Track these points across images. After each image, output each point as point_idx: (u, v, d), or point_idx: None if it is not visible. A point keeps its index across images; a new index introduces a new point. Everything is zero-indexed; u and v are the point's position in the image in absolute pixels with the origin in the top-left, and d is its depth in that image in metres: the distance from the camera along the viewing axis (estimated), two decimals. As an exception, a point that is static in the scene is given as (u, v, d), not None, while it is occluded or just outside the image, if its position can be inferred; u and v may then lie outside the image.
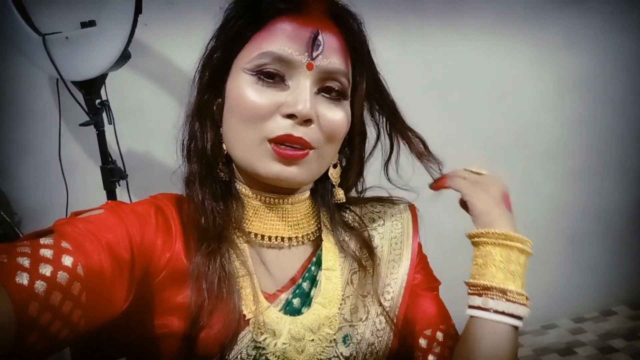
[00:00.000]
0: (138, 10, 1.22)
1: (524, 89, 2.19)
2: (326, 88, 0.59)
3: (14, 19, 1.35)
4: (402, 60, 1.97)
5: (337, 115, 0.59)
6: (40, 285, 0.41)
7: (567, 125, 2.27)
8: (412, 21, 1.98)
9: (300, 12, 0.57)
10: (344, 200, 0.68)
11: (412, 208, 0.73)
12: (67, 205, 1.61)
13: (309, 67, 0.56)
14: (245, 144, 0.58)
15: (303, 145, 0.57)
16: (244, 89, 0.57)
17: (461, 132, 2.12)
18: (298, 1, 0.57)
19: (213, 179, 0.62)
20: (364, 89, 0.63)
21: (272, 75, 0.57)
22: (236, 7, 0.60)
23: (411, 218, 0.72)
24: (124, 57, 1.30)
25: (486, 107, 2.15)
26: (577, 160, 2.31)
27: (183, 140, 0.64)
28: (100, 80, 1.36)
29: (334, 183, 0.67)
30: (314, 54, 0.56)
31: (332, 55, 0.58)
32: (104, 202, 1.54)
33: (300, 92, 0.56)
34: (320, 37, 0.57)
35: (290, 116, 0.56)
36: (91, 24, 1.31)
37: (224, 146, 0.62)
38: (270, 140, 0.57)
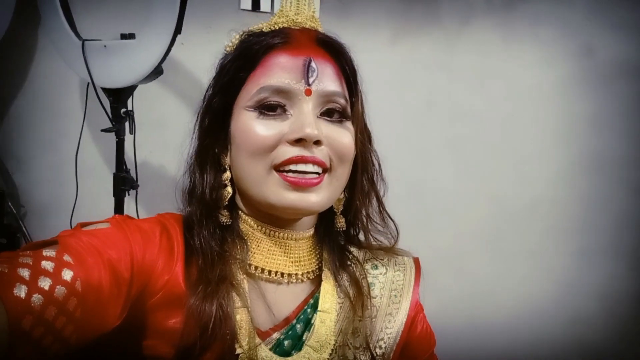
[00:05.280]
0: (178, 30, 1.26)
1: (543, 160, 2.19)
2: (327, 111, 0.61)
3: (58, 21, 1.41)
4: (427, 114, 1.99)
5: (344, 136, 0.61)
6: (37, 299, 0.41)
7: (582, 203, 2.24)
8: (440, 78, 2.01)
9: (292, 44, 0.60)
10: (344, 228, 0.67)
11: (417, 261, 0.72)
12: (74, 206, 1.62)
13: (307, 92, 0.59)
14: (254, 176, 0.59)
15: (318, 164, 0.58)
16: (248, 125, 0.59)
17: (476, 194, 2.11)
18: (288, 35, 0.60)
19: (213, 223, 0.62)
20: (359, 110, 0.64)
21: (273, 107, 0.59)
22: (231, 54, 0.63)
23: (414, 271, 0.71)
24: (156, 72, 1.33)
25: (505, 173, 2.15)
26: (588, 240, 2.27)
27: (183, 188, 0.65)
28: (129, 90, 1.39)
29: (335, 210, 0.66)
30: (310, 80, 0.59)
31: (327, 79, 0.60)
32: (110, 208, 1.52)
33: (304, 116, 0.58)
34: (313, 64, 0.59)
35: (299, 141, 0.57)
36: (131, 36, 1.35)
37: (226, 190, 0.62)
38: (277, 167, 0.57)
